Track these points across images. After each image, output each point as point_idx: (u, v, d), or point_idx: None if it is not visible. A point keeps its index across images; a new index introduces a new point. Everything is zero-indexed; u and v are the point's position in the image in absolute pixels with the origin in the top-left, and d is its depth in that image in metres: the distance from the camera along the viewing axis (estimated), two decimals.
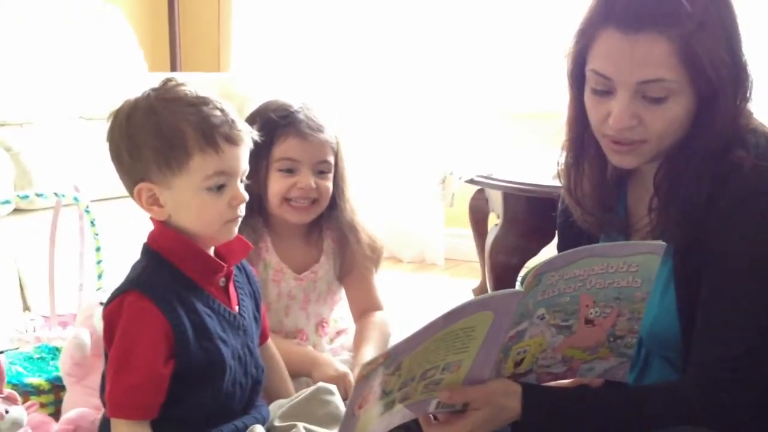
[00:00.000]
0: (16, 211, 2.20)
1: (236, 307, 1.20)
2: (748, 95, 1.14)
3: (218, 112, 1.12)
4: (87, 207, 1.78)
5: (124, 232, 2.38)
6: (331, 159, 1.54)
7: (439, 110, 3.24)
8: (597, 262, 1.04)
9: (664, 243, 1.06)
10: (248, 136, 1.15)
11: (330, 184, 1.54)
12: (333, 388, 1.29)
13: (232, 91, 2.98)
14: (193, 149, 1.10)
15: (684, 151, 1.14)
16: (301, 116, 1.52)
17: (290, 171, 1.51)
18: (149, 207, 1.14)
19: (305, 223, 1.57)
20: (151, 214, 1.15)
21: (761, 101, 1.18)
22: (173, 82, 1.15)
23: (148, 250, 1.16)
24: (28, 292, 2.19)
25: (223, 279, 1.18)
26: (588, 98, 1.16)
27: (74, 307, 1.78)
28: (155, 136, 1.11)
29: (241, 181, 1.15)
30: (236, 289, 1.22)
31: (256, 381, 1.22)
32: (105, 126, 1.18)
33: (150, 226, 1.18)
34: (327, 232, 1.60)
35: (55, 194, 1.74)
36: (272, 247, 1.55)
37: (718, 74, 1.09)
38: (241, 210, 1.16)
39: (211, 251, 1.18)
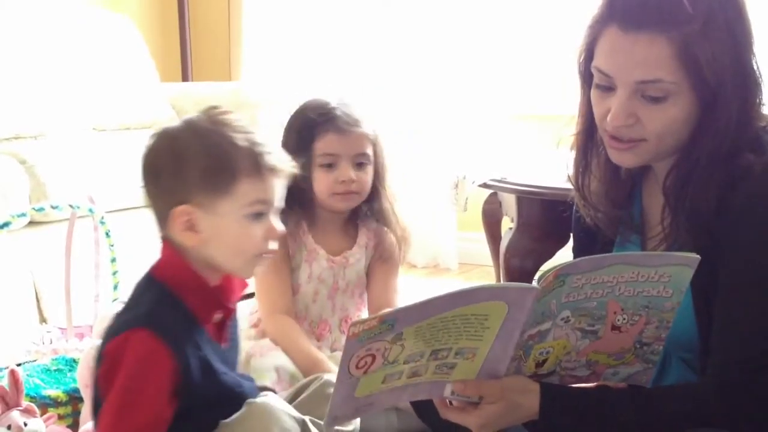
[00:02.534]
0: (32, 223, 2.21)
1: (227, 344, 1.19)
2: (758, 100, 1.12)
3: (263, 142, 1.14)
4: (102, 218, 1.79)
5: (139, 243, 2.39)
6: (370, 151, 1.63)
7: (451, 114, 3.23)
8: (627, 269, 1.04)
9: (698, 256, 1.04)
10: (290, 169, 1.16)
11: (369, 176, 1.64)
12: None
13: (243, 99, 2.99)
14: (241, 173, 1.11)
15: (689, 156, 1.14)
16: (338, 112, 1.62)
17: (330, 165, 1.60)
18: (182, 232, 1.11)
19: (345, 214, 1.67)
20: (183, 240, 1.12)
21: None
22: (220, 109, 1.16)
23: (152, 281, 1.14)
24: (44, 304, 2.20)
25: (219, 315, 1.17)
26: (593, 94, 1.17)
27: (90, 318, 1.79)
28: (205, 157, 1.10)
29: (276, 216, 1.15)
30: (229, 325, 1.20)
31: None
32: (118, 137, 1.17)
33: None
34: (363, 226, 1.69)
35: (70, 206, 1.75)
36: (309, 232, 1.65)
37: (718, 79, 1.08)
38: (274, 245, 1.15)
39: (214, 282, 1.16)
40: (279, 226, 1.15)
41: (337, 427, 1.22)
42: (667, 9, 1.08)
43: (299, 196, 1.58)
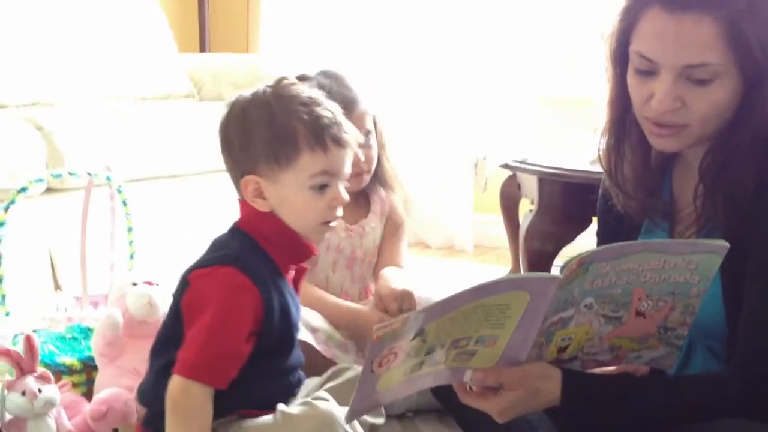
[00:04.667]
0: (48, 190, 2.20)
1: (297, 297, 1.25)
2: None
3: (329, 113, 1.17)
4: (119, 187, 1.78)
5: (155, 213, 2.38)
6: (370, 126, 1.64)
7: (472, 95, 3.20)
8: (654, 257, 1.02)
9: (726, 244, 1.02)
10: (355, 140, 1.19)
11: (374, 152, 1.65)
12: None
13: (261, 72, 2.97)
14: (303, 147, 1.14)
15: (730, 137, 1.11)
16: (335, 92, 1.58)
17: None
18: (253, 199, 1.18)
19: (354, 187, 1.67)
20: (255, 206, 1.18)
21: None
22: (288, 81, 1.19)
23: (237, 230, 1.20)
24: (60, 272, 2.20)
25: (293, 271, 1.23)
26: (631, 78, 1.14)
27: (105, 287, 1.78)
28: (268, 130, 1.15)
29: (342, 185, 1.19)
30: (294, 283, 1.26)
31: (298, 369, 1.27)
32: (136, 108, 1.20)
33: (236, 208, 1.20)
34: (373, 195, 1.72)
35: (88, 173, 1.74)
36: None
37: (766, 56, 1.06)
38: (340, 212, 1.20)
39: None
40: (344, 194, 1.19)
41: (366, 417, 1.23)
42: None
43: None
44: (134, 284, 1.54)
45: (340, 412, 1.14)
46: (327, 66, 1.78)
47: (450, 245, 3.30)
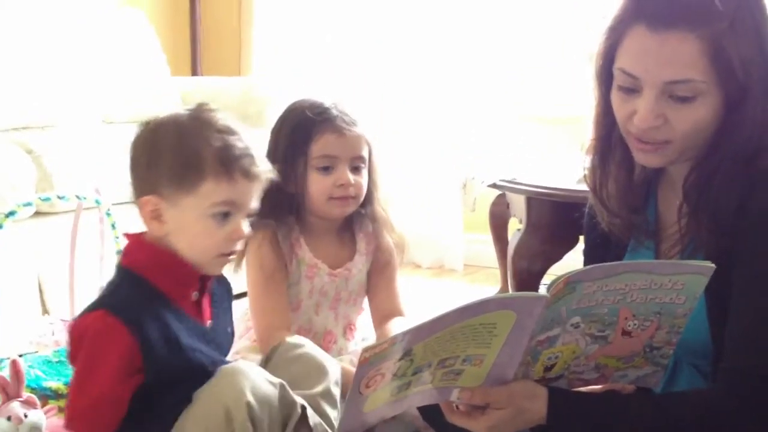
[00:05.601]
0: (37, 214, 2.20)
1: (208, 322, 1.20)
2: None
3: (242, 144, 1.13)
4: (108, 210, 1.78)
5: None
6: (366, 154, 1.55)
7: (459, 114, 3.22)
8: (641, 277, 1.03)
9: (712, 265, 1.03)
10: (266, 175, 1.16)
11: (364, 180, 1.55)
12: (301, 339, 1.31)
13: (253, 94, 2.98)
14: (208, 173, 1.11)
15: (713, 155, 1.12)
16: (335, 112, 1.52)
17: (327, 169, 1.51)
18: (149, 221, 1.14)
19: (339, 221, 1.58)
20: (149, 228, 1.15)
21: None
22: (208, 107, 1.17)
23: (119, 267, 1.17)
24: (48, 295, 2.19)
25: (195, 293, 1.18)
26: (614, 96, 1.15)
27: None
28: (175, 152, 1.12)
29: (246, 218, 1.16)
30: (211, 305, 1.21)
31: None
32: (128, 130, 1.20)
33: None
34: (359, 232, 1.61)
35: (77, 197, 1.74)
36: (306, 245, 1.55)
37: (748, 75, 1.08)
38: (238, 246, 1.17)
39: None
40: (245, 228, 1.15)
41: None
42: (696, 6, 1.07)
43: (290, 204, 1.51)
44: None
45: (255, 368, 1.15)
46: (317, 87, 1.75)
47: (440, 265, 3.30)
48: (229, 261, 1.18)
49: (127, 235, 1.19)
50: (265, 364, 1.29)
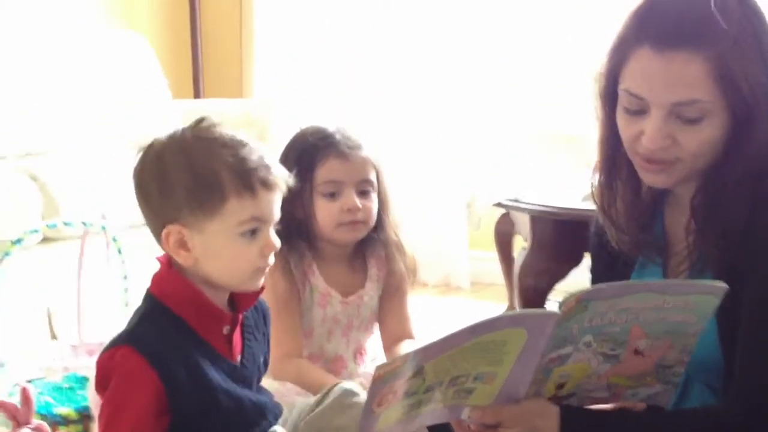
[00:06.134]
0: (44, 240, 2.21)
1: (238, 357, 1.14)
2: None
3: (255, 156, 1.07)
4: (114, 237, 1.79)
5: (150, 260, 2.38)
6: (373, 177, 1.53)
7: (463, 133, 3.23)
8: (653, 297, 1.03)
9: (725, 285, 1.03)
10: (284, 182, 1.10)
11: (374, 204, 1.53)
12: (357, 387, 1.29)
13: (255, 117, 3.00)
14: (229, 192, 1.05)
15: (721, 174, 1.12)
16: (338, 137, 1.52)
17: (333, 195, 1.50)
18: (176, 250, 1.07)
19: (351, 246, 1.56)
20: (178, 259, 1.08)
21: None
22: (208, 122, 1.10)
23: (149, 296, 1.11)
24: (56, 320, 2.19)
25: (227, 327, 1.12)
26: (620, 117, 1.15)
27: (102, 335, 1.77)
28: (189, 176, 1.05)
29: (274, 228, 1.10)
30: (243, 336, 1.15)
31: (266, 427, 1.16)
32: (132, 154, 1.14)
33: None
34: (371, 258, 1.59)
35: (83, 223, 1.75)
36: (318, 271, 1.54)
37: (754, 94, 1.08)
38: (272, 259, 1.11)
39: (224, 296, 1.12)
40: (275, 240, 1.09)
41: None
42: (701, 27, 1.07)
43: (300, 231, 1.50)
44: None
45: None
46: (319, 109, 1.73)
47: (446, 283, 3.30)
48: (264, 273, 1.11)
49: (159, 259, 1.11)
50: (316, 405, 1.27)
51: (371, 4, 3.28)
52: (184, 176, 1.05)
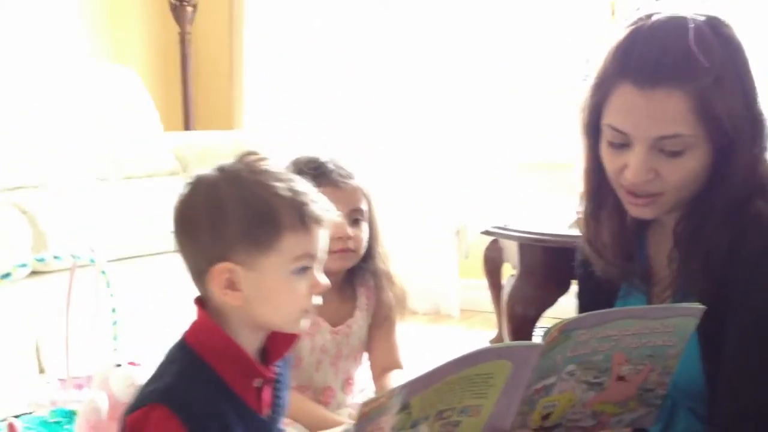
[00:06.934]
0: (33, 273, 2.20)
1: (268, 410, 1.10)
2: (764, 144, 1.13)
3: (306, 190, 1.04)
4: (103, 270, 1.79)
5: (139, 293, 2.38)
6: (365, 206, 1.55)
7: (452, 161, 3.25)
8: (633, 323, 1.04)
9: (702, 306, 1.04)
10: (332, 218, 1.06)
11: (364, 233, 1.54)
12: None
13: (245, 147, 3.00)
14: (285, 227, 1.00)
15: (703, 203, 1.14)
16: (331, 166, 1.54)
17: None
18: (223, 292, 1.01)
19: (340, 275, 1.56)
20: (224, 300, 1.02)
21: None
22: (257, 155, 1.06)
23: (184, 346, 1.05)
24: (44, 354, 2.18)
25: (259, 380, 1.07)
26: (604, 151, 1.16)
27: (90, 369, 1.77)
28: (245, 209, 1.00)
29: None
30: (274, 388, 1.11)
31: None
32: (122, 187, 1.13)
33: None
34: (360, 287, 1.60)
35: (72, 256, 1.75)
36: None
37: (735, 127, 1.09)
38: (319, 300, 1.06)
39: (259, 340, 1.08)
40: (323, 279, 1.05)
41: None
42: (682, 64, 1.08)
43: None
44: (118, 365, 1.54)
45: None
46: (310, 140, 1.73)
47: (436, 311, 3.30)
48: (310, 317, 1.07)
49: (197, 302, 1.06)
50: None
51: (360, 38, 3.32)
52: (240, 210, 1.00)
